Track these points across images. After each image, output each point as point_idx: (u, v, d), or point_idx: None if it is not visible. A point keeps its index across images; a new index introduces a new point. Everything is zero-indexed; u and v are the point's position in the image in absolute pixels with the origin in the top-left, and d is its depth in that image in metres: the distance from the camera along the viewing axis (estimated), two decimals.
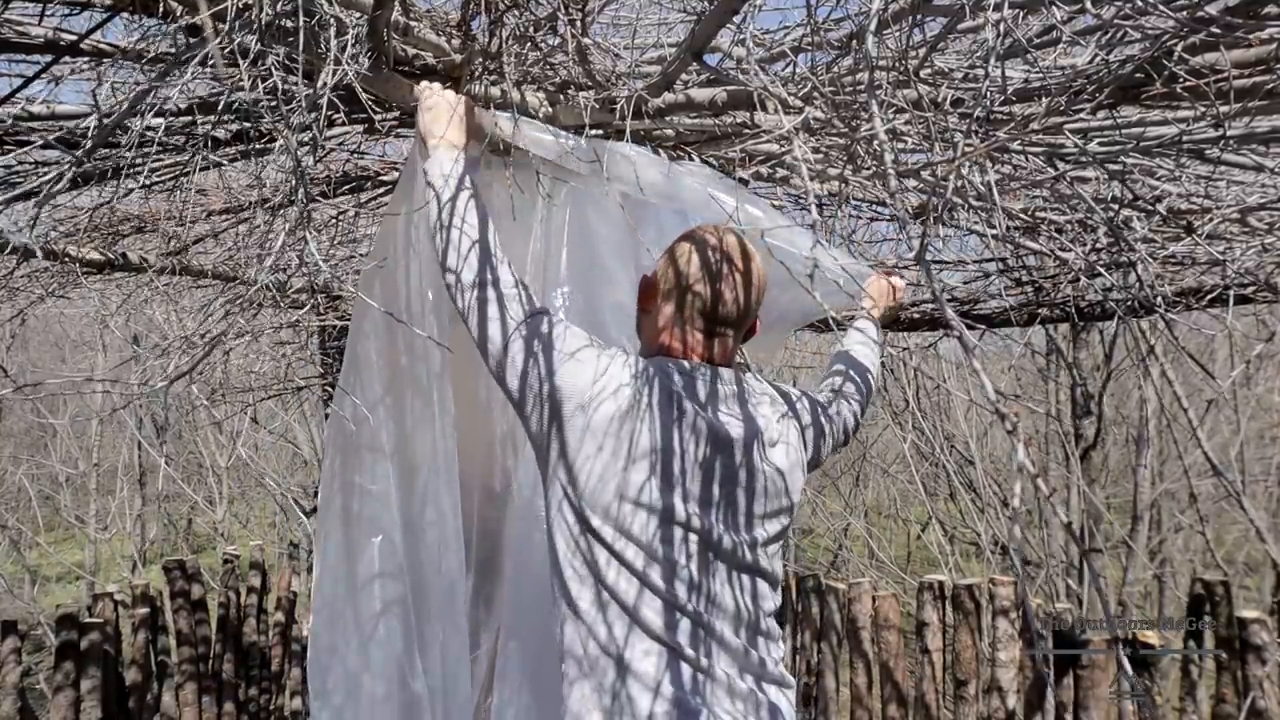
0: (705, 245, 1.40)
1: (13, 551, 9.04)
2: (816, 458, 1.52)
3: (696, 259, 1.39)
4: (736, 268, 1.39)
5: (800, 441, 1.44)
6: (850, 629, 3.26)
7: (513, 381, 1.32)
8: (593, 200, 1.66)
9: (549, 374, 1.30)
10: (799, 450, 1.43)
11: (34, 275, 2.69)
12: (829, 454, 1.58)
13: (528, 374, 1.31)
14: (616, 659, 1.23)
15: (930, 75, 1.43)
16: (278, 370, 4.69)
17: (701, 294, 1.37)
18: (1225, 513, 7.48)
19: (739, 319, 1.40)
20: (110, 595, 3.43)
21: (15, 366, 8.57)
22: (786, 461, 1.39)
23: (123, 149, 1.59)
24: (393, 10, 1.30)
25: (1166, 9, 0.97)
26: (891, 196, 0.98)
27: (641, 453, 1.26)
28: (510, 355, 1.32)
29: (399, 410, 1.62)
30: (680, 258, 1.41)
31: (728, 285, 1.38)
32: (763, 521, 1.35)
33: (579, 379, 1.29)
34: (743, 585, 1.31)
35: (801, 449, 1.44)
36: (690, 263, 1.39)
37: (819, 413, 1.54)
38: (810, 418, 1.50)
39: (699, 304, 1.38)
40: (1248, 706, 2.68)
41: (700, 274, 1.38)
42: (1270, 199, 1.83)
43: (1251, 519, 5.36)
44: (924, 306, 3.19)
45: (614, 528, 1.25)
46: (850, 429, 1.63)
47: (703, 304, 1.38)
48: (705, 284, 1.37)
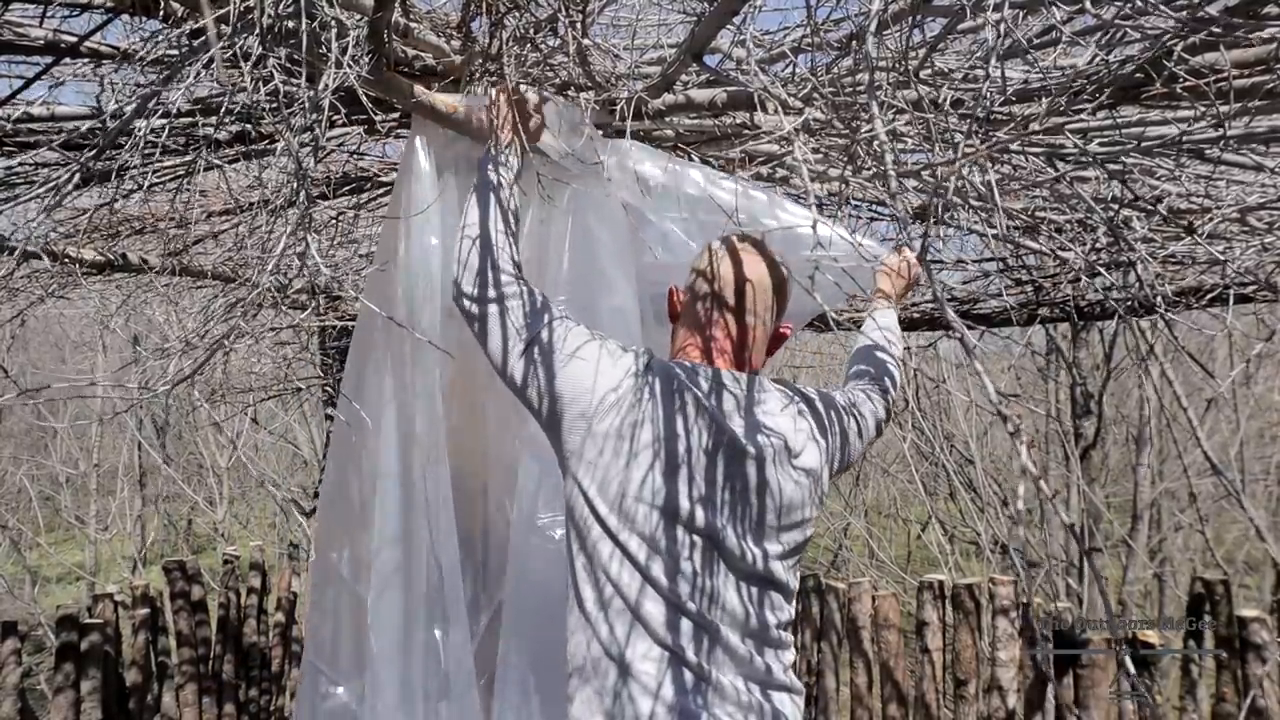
0: (721, 252, 1.42)
1: (13, 552, 9.04)
2: (846, 460, 1.49)
3: (711, 267, 1.41)
4: (752, 271, 1.40)
5: (826, 449, 1.41)
6: (850, 628, 3.26)
7: (521, 384, 1.33)
8: (594, 205, 1.66)
9: (553, 376, 1.30)
10: (824, 458, 1.40)
11: (34, 276, 2.69)
12: (861, 453, 1.56)
13: (535, 376, 1.31)
14: (618, 660, 1.23)
15: (930, 76, 1.43)
16: (278, 371, 4.69)
17: (717, 300, 1.39)
18: (1225, 512, 7.48)
19: (757, 323, 1.40)
20: (110, 596, 3.43)
21: (15, 367, 8.57)
22: (809, 472, 1.36)
23: (125, 150, 1.59)
24: (393, 12, 1.30)
25: (1166, 9, 0.97)
26: (892, 197, 0.98)
27: (644, 449, 1.26)
28: (517, 359, 1.32)
29: (401, 417, 1.63)
30: (698, 268, 1.44)
31: (744, 290, 1.39)
32: (779, 533, 1.33)
33: (583, 379, 1.29)
34: (753, 594, 1.30)
35: (827, 456, 1.41)
36: (706, 271, 1.41)
37: (845, 415, 1.51)
38: (837, 422, 1.47)
39: (715, 311, 1.39)
40: (1248, 705, 2.68)
41: (715, 280, 1.39)
42: (1270, 199, 1.83)
43: (1251, 518, 5.36)
44: (924, 306, 3.19)
45: (618, 520, 1.25)
46: (881, 422, 1.61)
47: (719, 311, 1.39)
48: (721, 289, 1.39)
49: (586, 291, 1.67)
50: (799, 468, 1.35)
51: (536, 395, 1.31)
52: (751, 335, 1.41)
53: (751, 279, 1.40)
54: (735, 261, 1.41)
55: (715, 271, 1.40)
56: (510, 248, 1.41)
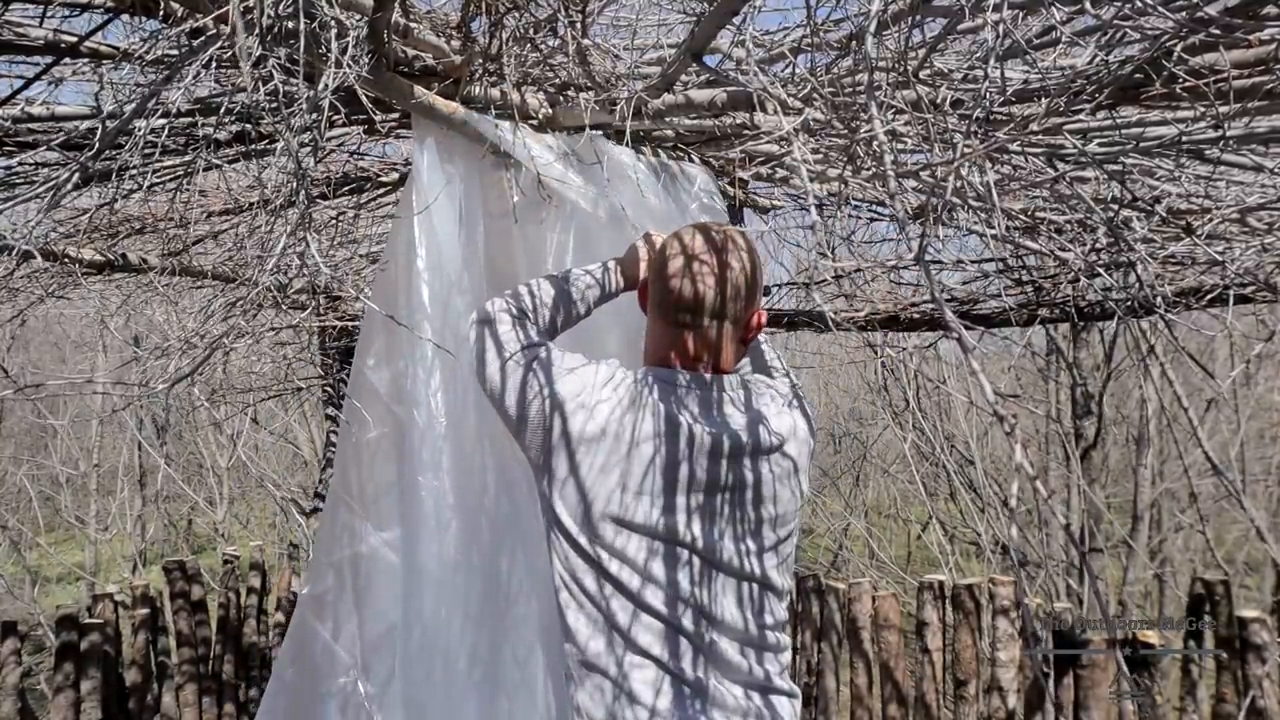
0: (680, 243, 1.34)
1: (13, 552, 9.04)
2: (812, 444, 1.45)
3: (671, 261, 1.33)
4: (713, 259, 1.31)
5: (800, 438, 1.38)
6: (850, 629, 3.26)
7: (506, 408, 1.34)
8: (595, 219, 1.67)
9: (540, 398, 1.30)
10: (802, 443, 1.37)
11: (34, 276, 2.70)
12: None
13: (520, 401, 1.32)
14: (614, 679, 1.23)
15: (930, 76, 1.43)
16: (278, 371, 4.69)
17: (680, 294, 1.31)
18: (1225, 512, 7.49)
19: (725, 312, 1.32)
20: (110, 596, 3.43)
21: (15, 367, 8.56)
22: (793, 465, 1.35)
23: (125, 150, 1.59)
24: (393, 12, 1.30)
25: (1166, 9, 0.97)
26: (891, 197, 0.98)
27: (635, 471, 1.25)
28: (503, 383, 1.34)
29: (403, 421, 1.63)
30: (662, 261, 1.36)
31: (706, 279, 1.30)
32: (768, 532, 1.32)
33: (568, 400, 1.29)
34: (746, 598, 1.29)
35: (804, 441, 1.38)
36: (667, 264, 1.34)
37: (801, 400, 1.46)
38: (799, 408, 1.42)
39: (681, 304, 1.32)
40: (1248, 706, 2.68)
41: (677, 273, 1.31)
42: (1270, 199, 1.83)
43: (1251, 518, 5.36)
44: (924, 307, 3.19)
45: (607, 550, 1.24)
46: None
47: (684, 304, 1.32)
48: (682, 282, 1.31)
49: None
50: (781, 464, 1.33)
51: (524, 417, 1.31)
52: (724, 333, 1.34)
53: (722, 275, 1.31)
54: (704, 257, 1.32)
55: (684, 270, 1.31)
56: (552, 315, 1.46)
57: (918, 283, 3.19)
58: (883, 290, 3.24)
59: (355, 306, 3.69)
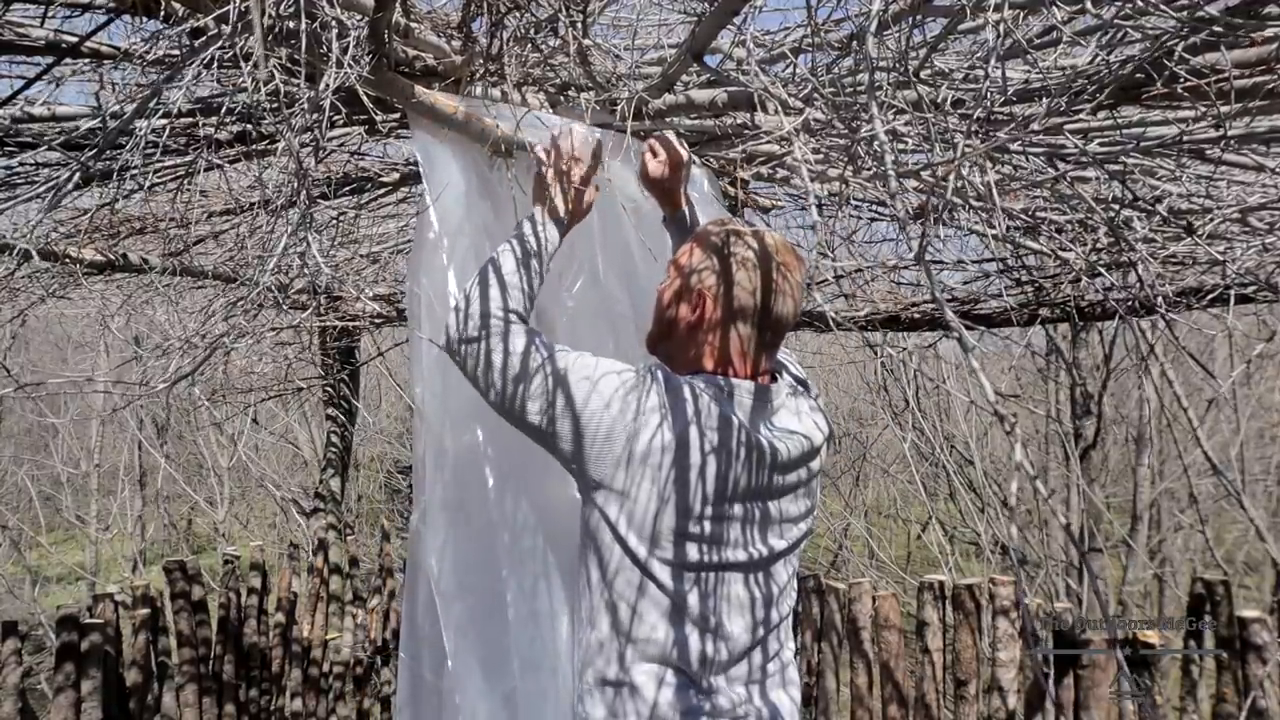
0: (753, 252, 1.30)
1: (13, 552, 9.04)
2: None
3: (748, 272, 1.29)
4: (789, 275, 1.31)
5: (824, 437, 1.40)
6: (850, 629, 3.26)
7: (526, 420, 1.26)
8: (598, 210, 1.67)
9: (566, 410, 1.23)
10: (824, 447, 1.40)
11: (35, 276, 2.70)
12: None
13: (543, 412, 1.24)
14: (624, 681, 1.23)
15: (930, 76, 1.43)
16: (278, 371, 4.69)
17: (780, 315, 1.30)
18: (1225, 512, 7.50)
19: (792, 327, 1.35)
20: (111, 596, 3.43)
21: (16, 367, 8.56)
22: (819, 466, 1.38)
23: (126, 150, 1.59)
24: (393, 12, 1.30)
25: (1167, 9, 0.98)
26: (892, 197, 0.98)
27: (707, 483, 1.21)
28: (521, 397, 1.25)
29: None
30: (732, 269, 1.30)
31: (785, 296, 1.30)
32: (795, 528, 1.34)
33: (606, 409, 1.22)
34: (759, 598, 1.29)
35: (825, 444, 1.40)
36: (743, 274, 1.29)
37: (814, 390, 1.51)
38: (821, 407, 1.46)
39: (781, 324, 1.31)
40: (1248, 706, 2.68)
41: (758, 286, 1.29)
42: (1270, 199, 1.83)
43: (1251, 518, 5.36)
44: (924, 307, 3.19)
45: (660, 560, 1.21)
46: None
47: (783, 323, 1.31)
48: (777, 298, 1.29)
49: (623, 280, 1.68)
50: (814, 468, 1.37)
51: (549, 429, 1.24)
52: (777, 336, 1.34)
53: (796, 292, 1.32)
54: (792, 275, 1.31)
55: (779, 286, 1.29)
56: (522, 300, 1.32)
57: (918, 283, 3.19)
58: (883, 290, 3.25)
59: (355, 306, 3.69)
